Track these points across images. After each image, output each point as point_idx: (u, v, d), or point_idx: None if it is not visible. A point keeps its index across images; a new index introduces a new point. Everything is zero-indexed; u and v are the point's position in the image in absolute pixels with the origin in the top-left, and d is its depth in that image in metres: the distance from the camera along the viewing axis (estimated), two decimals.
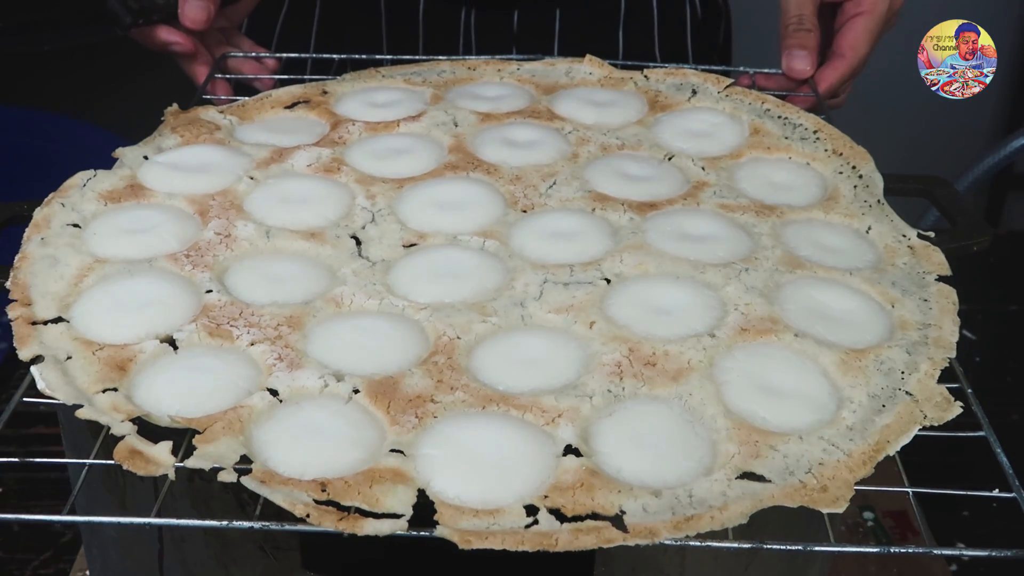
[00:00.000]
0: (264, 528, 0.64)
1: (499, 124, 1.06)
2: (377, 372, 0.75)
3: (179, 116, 1.05)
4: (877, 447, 0.70)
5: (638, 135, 1.06)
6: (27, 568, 1.10)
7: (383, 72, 1.16)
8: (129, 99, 1.65)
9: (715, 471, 0.68)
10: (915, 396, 0.74)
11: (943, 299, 0.83)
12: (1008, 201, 2.65)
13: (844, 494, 0.66)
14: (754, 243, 0.90)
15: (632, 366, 0.76)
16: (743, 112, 1.09)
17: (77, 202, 0.91)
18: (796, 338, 0.79)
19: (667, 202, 0.95)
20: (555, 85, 1.16)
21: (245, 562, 0.75)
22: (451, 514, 0.64)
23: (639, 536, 0.62)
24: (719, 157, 1.03)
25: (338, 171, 0.98)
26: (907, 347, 0.78)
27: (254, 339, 0.77)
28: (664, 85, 1.15)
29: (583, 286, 0.84)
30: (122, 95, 1.97)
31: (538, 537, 0.62)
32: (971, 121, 2.50)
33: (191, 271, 0.84)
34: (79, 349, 0.75)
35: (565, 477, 0.67)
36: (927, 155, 2.21)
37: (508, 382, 0.75)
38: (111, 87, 2.17)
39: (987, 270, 1.58)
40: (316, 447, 0.69)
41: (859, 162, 0.99)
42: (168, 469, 0.65)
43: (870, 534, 1.12)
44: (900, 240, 0.91)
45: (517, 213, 0.94)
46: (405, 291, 0.84)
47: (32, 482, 1.18)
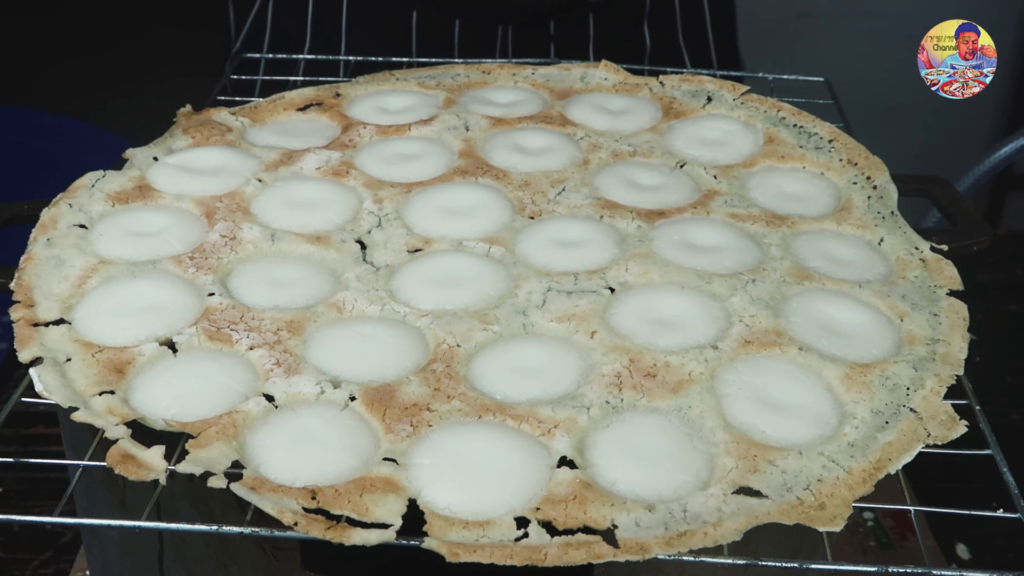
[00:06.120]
0: (254, 534, 0.64)
1: (511, 129, 1.06)
2: (374, 379, 0.75)
3: (191, 117, 1.05)
4: (878, 465, 0.69)
5: (650, 142, 1.05)
6: (27, 568, 1.10)
7: (397, 75, 1.16)
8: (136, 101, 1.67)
9: (711, 485, 0.67)
10: (920, 413, 0.72)
11: (953, 314, 0.82)
12: (1008, 201, 2.63)
13: (842, 512, 0.65)
14: (763, 253, 0.89)
15: (632, 377, 0.75)
16: (758, 120, 1.08)
17: (85, 203, 0.91)
18: (800, 351, 0.78)
19: (676, 210, 0.94)
20: (569, 90, 1.15)
21: (245, 562, 0.75)
22: (441, 525, 0.63)
23: (630, 552, 0.61)
24: (731, 166, 1.02)
25: (347, 175, 0.98)
26: (914, 363, 0.77)
27: (253, 343, 0.77)
28: (679, 92, 1.14)
29: (587, 295, 0.83)
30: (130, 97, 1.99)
31: (527, 551, 0.61)
32: (971, 121, 2.48)
33: (194, 274, 0.84)
34: (79, 351, 0.76)
35: (558, 489, 0.66)
36: (927, 155, 2.19)
37: (506, 391, 0.74)
38: (119, 89, 2.19)
39: (987, 270, 1.56)
40: (309, 454, 0.68)
41: (874, 172, 0.98)
42: (160, 474, 0.65)
43: (870, 534, 1.10)
44: (912, 253, 0.89)
45: (524, 219, 0.93)
46: (407, 297, 0.83)
47: (32, 482, 1.19)
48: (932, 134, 2.37)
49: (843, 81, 1.28)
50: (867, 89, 1.99)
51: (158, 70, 2.13)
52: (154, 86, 1.53)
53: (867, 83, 2.09)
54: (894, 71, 1.58)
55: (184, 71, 1.19)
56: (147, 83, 2.01)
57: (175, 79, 1.23)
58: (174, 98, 1.08)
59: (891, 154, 1.01)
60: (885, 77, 1.97)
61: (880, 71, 2.11)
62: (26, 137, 1.92)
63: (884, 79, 2.00)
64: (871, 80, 2.12)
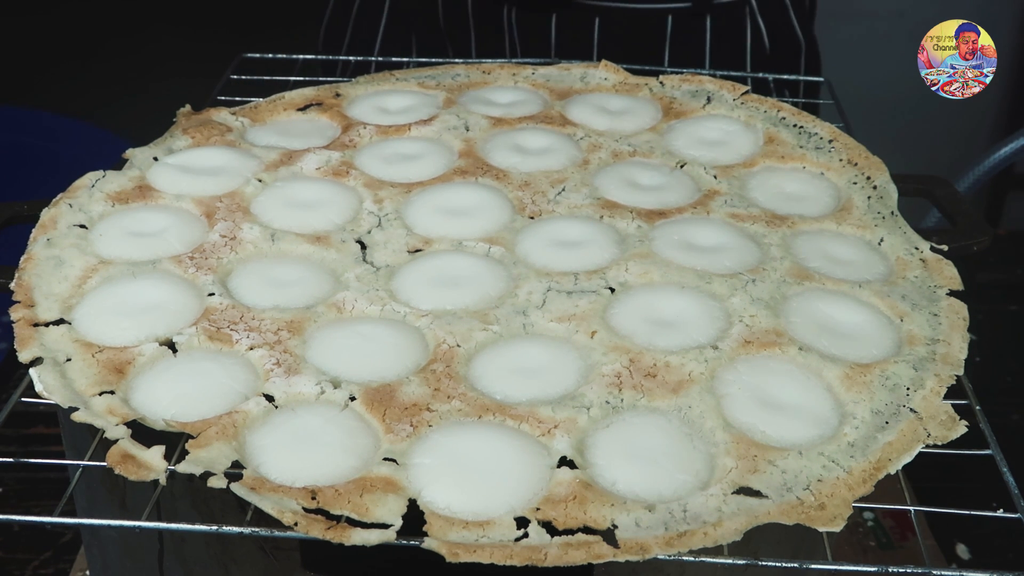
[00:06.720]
0: (254, 534, 0.64)
1: (511, 129, 1.06)
2: (374, 379, 0.74)
3: (191, 117, 1.05)
4: (878, 465, 0.69)
5: (650, 142, 1.05)
6: (27, 568, 1.10)
7: (397, 75, 1.16)
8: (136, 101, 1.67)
9: (711, 485, 0.67)
10: (919, 413, 0.72)
11: (953, 314, 0.82)
12: (1008, 201, 2.63)
13: (842, 512, 0.65)
14: (763, 253, 0.89)
15: (632, 377, 0.75)
16: (758, 120, 1.08)
17: (85, 203, 0.91)
18: (800, 351, 0.78)
19: (676, 210, 0.94)
20: (569, 90, 1.15)
21: (245, 562, 0.75)
22: (441, 525, 0.63)
23: (629, 552, 0.61)
24: (731, 166, 1.02)
25: (347, 175, 0.98)
26: (914, 363, 0.77)
27: (253, 343, 0.77)
28: (679, 92, 1.14)
29: (587, 295, 0.83)
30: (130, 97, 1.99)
31: (527, 551, 0.61)
32: (971, 121, 2.48)
33: (194, 274, 0.84)
34: (79, 351, 0.76)
35: (558, 489, 0.66)
36: (927, 155, 2.20)
37: (506, 391, 0.74)
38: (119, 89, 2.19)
39: (987, 270, 1.56)
40: (309, 454, 0.68)
41: (874, 172, 0.98)
42: (160, 474, 0.65)
43: (870, 534, 1.10)
44: (912, 253, 0.89)
45: (524, 219, 0.93)
46: (407, 297, 0.83)
47: (32, 482, 1.19)
48: (932, 134, 2.37)
49: (843, 81, 1.28)
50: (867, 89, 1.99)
51: (158, 70, 2.13)
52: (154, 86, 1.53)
53: (867, 83, 2.09)
54: (894, 71, 1.58)
55: (184, 71, 1.19)
56: (147, 83, 2.01)
57: (175, 79, 1.23)
58: (174, 98, 1.08)
59: (891, 154, 1.02)
60: (885, 77, 1.97)
61: (880, 71, 2.11)
62: (26, 137, 1.92)
63: (884, 79, 2.00)
64: (871, 80, 2.12)
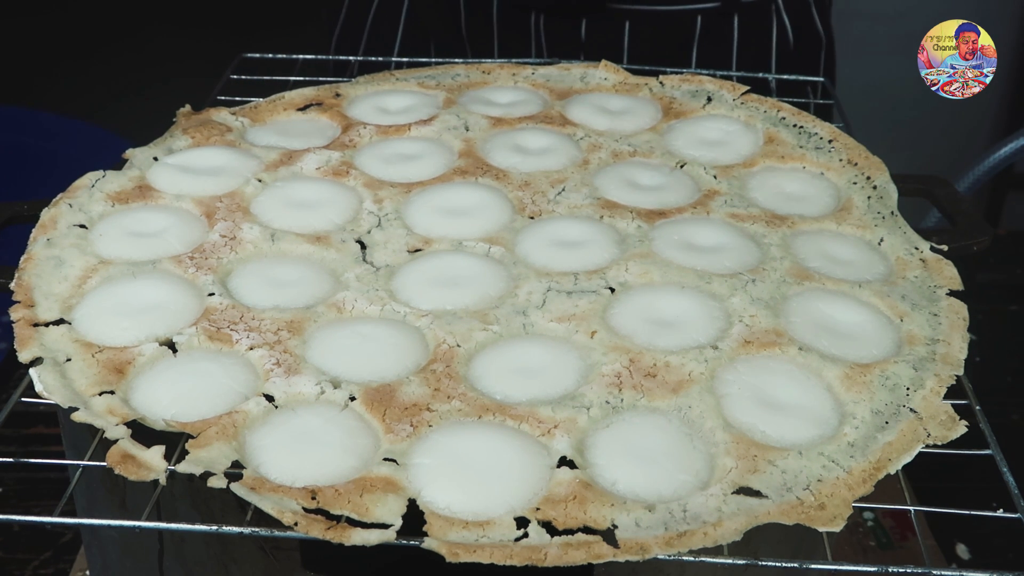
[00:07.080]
0: (254, 534, 0.64)
1: (511, 129, 1.06)
2: (374, 379, 0.74)
3: (191, 117, 1.05)
4: (878, 465, 0.69)
5: (650, 142, 1.05)
6: (27, 568, 1.10)
7: (397, 75, 1.16)
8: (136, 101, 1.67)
9: (711, 485, 0.67)
10: (919, 413, 0.72)
11: (953, 314, 0.82)
12: (1008, 201, 2.63)
13: (842, 512, 0.65)
14: (763, 253, 0.89)
15: (632, 377, 0.75)
16: (758, 120, 1.08)
17: (85, 203, 0.91)
18: (800, 351, 0.78)
19: (676, 210, 0.94)
20: (569, 90, 1.15)
21: (245, 562, 0.75)
22: (441, 525, 0.63)
23: (629, 552, 0.61)
24: (731, 166, 1.02)
25: (347, 175, 0.98)
26: (914, 363, 0.77)
27: (253, 343, 0.77)
28: (679, 92, 1.14)
29: (587, 295, 0.83)
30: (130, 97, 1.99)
31: (527, 551, 0.61)
32: (971, 121, 2.48)
33: (194, 274, 0.84)
34: (79, 351, 0.76)
35: (558, 489, 0.66)
36: (927, 155, 2.20)
37: (506, 391, 0.74)
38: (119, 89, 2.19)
39: (987, 270, 1.56)
40: (309, 454, 0.68)
41: (874, 172, 0.98)
42: (160, 474, 0.65)
43: (870, 534, 1.10)
44: (912, 253, 0.89)
45: (524, 219, 0.93)
46: (407, 297, 0.83)
47: (32, 482, 1.19)
48: (932, 134, 2.38)
49: (843, 81, 1.28)
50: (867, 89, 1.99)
51: (158, 70, 2.14)
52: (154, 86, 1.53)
53: (867, 83, 2.09)
54: (894, 71, 1.58)
55: (184, 71, 1.18)
56: (147, 83, 2.01)
57: (175, 79, 1.23)
58: (174, 98, 1.08)
59: (891, 154, 1.02)
60: (885, 77, 1.97)
61: (880, 71, 2.11)
62: (26, 137, 1.92)
63: (884, 79, 2.00)
64: (871, 80, 2.12)
